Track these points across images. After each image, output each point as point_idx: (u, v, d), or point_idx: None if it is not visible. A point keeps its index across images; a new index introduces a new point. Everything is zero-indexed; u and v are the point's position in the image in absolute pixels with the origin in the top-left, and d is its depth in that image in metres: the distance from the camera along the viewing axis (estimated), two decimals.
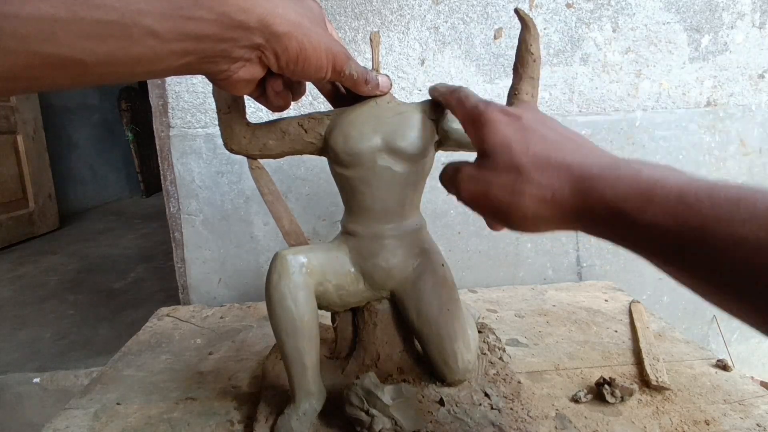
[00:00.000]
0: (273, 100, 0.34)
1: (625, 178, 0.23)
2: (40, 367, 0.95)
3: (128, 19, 0.23)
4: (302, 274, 0.38)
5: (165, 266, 1.62)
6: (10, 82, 0.22)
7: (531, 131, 0.28)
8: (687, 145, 0.82)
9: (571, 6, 0.76)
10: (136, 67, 0.25)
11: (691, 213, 0.21)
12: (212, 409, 0.47)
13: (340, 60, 0.32)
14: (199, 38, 0.25)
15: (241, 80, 0.30)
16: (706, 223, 0.20)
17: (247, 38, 0.27)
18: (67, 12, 0.21)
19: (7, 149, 1.98)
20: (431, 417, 0.39)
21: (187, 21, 0.24)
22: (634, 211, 0.22)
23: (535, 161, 0.26)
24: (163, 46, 0.24)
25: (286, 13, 0.28)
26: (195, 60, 0.26)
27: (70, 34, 0.22)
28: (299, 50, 0.29)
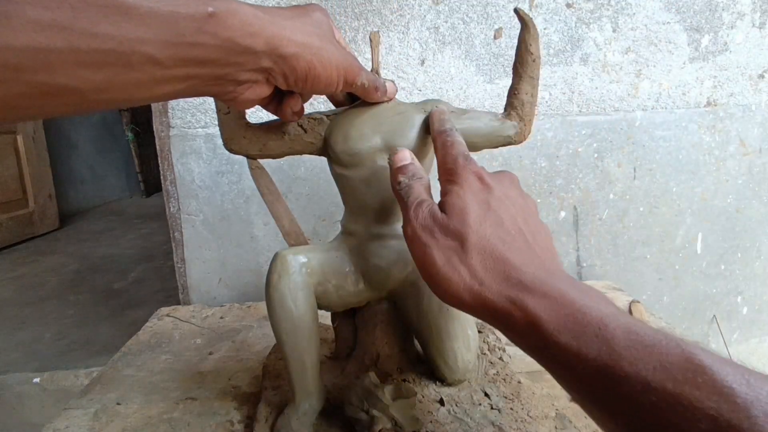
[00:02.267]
0: (288, 117, 0.34)
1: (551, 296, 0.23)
2: (40, 367, 0.95)
3: (126, 47, 0.22)
4: (302, 274, 0.38)
5: (165, 266, 1.62)
6: (5, 111, 0.21)
7: (493, 210, 0.27)
8: (687, 145, 0.82)
9: (571, 6, 0.76)
10: (135, 93, 0.24)
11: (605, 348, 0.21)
12: (212, 409, 0.47)
13: (352, 74, 0.32)
14: (203, 63, 0.25)
15: (247, 100, 0.29)
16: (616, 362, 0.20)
17: (254, 62, 0.27)
18: (63, 42, 0.20)
19: (7, 149, 1.98)
20: (431, 417, 0.39)
21: (190, 47, 0.24)
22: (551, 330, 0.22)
23: (481, 244, 0.26)
24: (164, 72, 0.24)
25: (293, 34, 0.27)
26: (198, 84, 0.26)
27: (66, 63, 0.21)
28: (308, 70, 0.29)
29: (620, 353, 0.20)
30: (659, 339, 0.20)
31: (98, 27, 0.21)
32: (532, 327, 0.23)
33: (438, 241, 0.27)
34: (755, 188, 0.86)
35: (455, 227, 0.27)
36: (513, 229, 0.27)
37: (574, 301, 0.23)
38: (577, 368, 0.21)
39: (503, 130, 0.39)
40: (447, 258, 0.26)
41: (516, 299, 0.24)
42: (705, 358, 0.19)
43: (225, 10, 0.24)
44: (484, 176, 0.29)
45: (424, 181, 0.31)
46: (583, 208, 0.83)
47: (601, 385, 0.21)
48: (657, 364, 0.19)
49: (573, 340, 0.22)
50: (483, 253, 0.26)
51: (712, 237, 0.87)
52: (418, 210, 0.29)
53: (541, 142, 0.79)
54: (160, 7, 0.22)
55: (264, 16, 0.26)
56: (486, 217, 0.27)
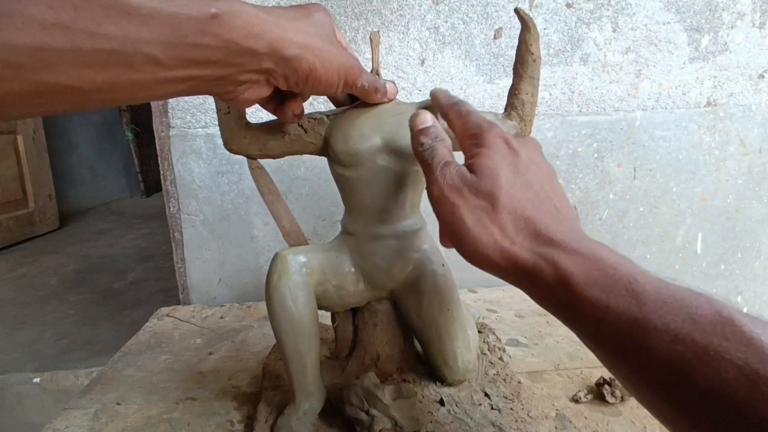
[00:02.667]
0: (289, 118, 0.34)
1: (582, 253, 0.23)
2: (40, 367, 0.95)
3: (129, 47, 0.22)
4: (302, 274, 0.38)
5: (165, 266, 1.62)
6: (6, 110, 0.21)
7: (521, 173, 0.28)
8: (687, 145, 0.82)
9: (571, 6, 0.76)
10: (137, 93, 0.24)
11: (635, 302, 0.21)
12: (212, 409, 0.47)
13: (353, 75, 0.32)
14: (204, 64, 0.25)
15: (247, 100, 0.29)
16: (646, 315, 0.20)
17: (256, 63, 0.27)
18: (65, 41, 0.20)
19: (7, 149, 1.98)
20: (431, 417, 0.39)
21: (193, 48, 0.24)
22: (581, 284, 0.22)
23: (512, 205, 0.26)
24: (166, 73, 0.24)
25: (295, 35, 0.27)
26: (199, 84, 0.26)
27: (68, 63, 0.21)
28: (309, 71, 0.29)
29: (650, 306, 0.21)
30: (689, 294, 0.21)
31: (101, 27, 0.21)
32: (562, 282, 0.23)
33: (468, 201, 0.27)
34: (755, 188, 0.86)
35: (486, 187, 0.27)
36: (541, 192, 0.27)
37: (604, 258, 0.23)
38: (606, 321, 0.21)
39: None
40: (477, 218, 0.26)
41: (547, 256, 0.24)
42: (734, 313, 0.19)
43: (228, 12, 0.24)
44: (510, 140, 0.29)
45: (447, 143, 0.31)
46: (583, 208, 0.83)
47: (629, 338, 0.21)
48: (686, 317, 0.20)
49: (603, 293, 0.22)
50: (514, 213, 0.26)
51: (712, 237, 0.87)
52: (445, 170, 0.28)
53: (541, 142, 0.79)
54: (163, 8, 0.22)
55: (266, 17, 0.26)
56: (515, 179, 0.27)
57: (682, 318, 0.20)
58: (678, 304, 0.20)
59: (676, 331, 0.19)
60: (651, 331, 0.20)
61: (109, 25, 0.21)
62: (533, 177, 0.28)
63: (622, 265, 0.23)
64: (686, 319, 0.20)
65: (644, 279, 0.22)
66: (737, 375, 0.18)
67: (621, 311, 0.21)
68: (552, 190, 0.28)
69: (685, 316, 0.20)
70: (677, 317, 0.20)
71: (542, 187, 0.28)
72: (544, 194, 0.27)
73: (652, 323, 0.20)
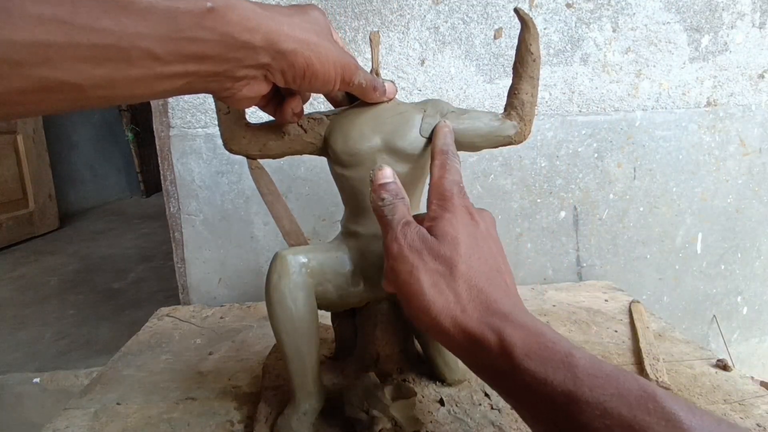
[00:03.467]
0: (289, 117, 0.34)
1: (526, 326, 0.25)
2: (40, 367, 0.95)
3: (126, 42, 0.22)
4: (302, 274, 0.38)
5: (165, 266, 1.62)
6: (5, 107, 0.21)
7: (479, 246, 0.29)
8: (687, 145, 0.82)
9: (571, 6, 0.76)
10: (135, 89, 0.24)
11: (570, 375, 0.22)
12: (212, 409, 0.47)
13: (349, 72, 0.32)
14: (201, 59, 0.25)
15: (245, 98, 0.29)
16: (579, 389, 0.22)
17: (252, 58, 0.27)
18: (63, 36, 0.20)
19: (7, 149, 1.98)
20: (431, 417, 0.39)
21: (189, 43, 0.24)
22: (522, 356, 0.24)
23: (468, 274, 0.27)
24: (164, 68, 0.24)
25: (292, 30, 0.28)
26: (197, 80, 0.26)
27: (66, 58, 0.21)
28: (306, 66, 0.29)
29: (583, 380, 0.22)
30: (618, 371, 0.23)
31: (98, 22, 0.21)
32: (505, 352, 0.24)
33: (426, 264, 0.28)
34: (755, 188, 0.86)
35: (446, 253, 0.28)
36: (494, 267, 0.29)
37: (545, 333, 0.25)
38: (542, 393, 0.23)
39: (503, 130, 0.39)
40: (434, 281, 0.27)
41: (494, 326, 0.25)
42: (656, 390, 0.21)
43: (224, 5, 0.24)
44: (473, 212, 0.31)
45: (407, 202, 0.32)
46: (583, 208, 0.83)
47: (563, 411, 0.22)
48: (615, 391, 0.21)
49: (541, 366, 0.23)
50: (469, 282, 0.27)
51: (712, 237, 0.87)
52: (406, 229, 0.29)
53: (541, 142, 0.79)
54: (159, 3, 0.22)
55: (262, 12, 0.26)
56: (474, 251, 0.28)
57: (610, 392, 0.21)
58: (607, 380, 0.22)
59: (605, 405, 0.21)
60: (583, 406, 0.22)
61: (107, 19, 0.21)
62: (488, 251, 0.29)
63: (560, 340, 0.24)
64: (614, 393, 0.21)
65: (579, 354, 0.23)
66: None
67: (557, 384, 0.22)
68: (503, 266, 0.30)
69: (613, 390, 0.21)
70: (606, 392, 0.21)
71: (495, 261, 0.29)
72: (496, 268, 0.29)
73: (584, 397, 0.22)
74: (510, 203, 0.81)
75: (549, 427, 0.23)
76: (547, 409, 0.23)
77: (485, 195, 0.79)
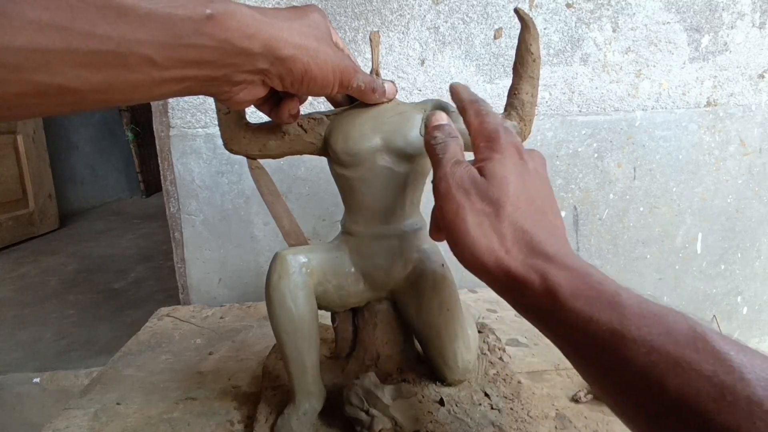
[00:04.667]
0: (285, 119, 0.34)
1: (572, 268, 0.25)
2: (40, 367, 0.95)
3: (125, 48, 0.22)
4: (302, 274, 0.38)
5: (165, 266, 1.62)
6: (4, 111, 0.21)
7: (527, 186, 0.28)
8: (687, 145, 0.82)
9: (571, 6, 0.76)
10: (133, 93, 0.24)
11: (616, 315, 0.22)
12: (212, 409, 0.47)
13: (348, 75, 0.32)
14: (200, 65, 0.25)
15: (242, 101, 0.30)
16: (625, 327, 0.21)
17: (251, 63, 0.27)
18: (61, 42, 0.20)
19: (7, 149, 1.98)
20: (431, 417, 0.39)
21: (188, 49, 0.24)
22: (568, 296, 0.23)
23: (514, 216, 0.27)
24: (162, 73, 0.24)
25: (290, 35, 0.28)
26: (195, 84, 0.26)
27: (65, 64, 0.21)
28: (304, 72, 0.29)
29: (630, 319, 0.22)
30: (667, 311, 0.22)
31: (97, 28, 0.21)
32: (550, 292, 0.24)
33: (473, 204, 0.27)
34: (755, 188, 0.86)
35: (494, 194, 0.27)
36: (541, 208, 0.28)
37: (591, 274, 0.24)
38: (587, 331, 0.22)
39: None
40: (479, 222, 0.27)
41: (538, 267, 0.25)
42: (707, 330, 0.21)
43: (223, 12, 0.24)
44: (522, 151, 0.30)
45: (460, 142, 0.31)
46: (583, 208, 0.83)
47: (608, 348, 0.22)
48: (663, 330, 0.21)
49: (587, 305, 0.23)
50: (515, 224, 0.26)
51: (712, 237, 0.87)
52: (455, 168, 0.29)
53: (541, 142, 0.79)
54: (158, 9, 0.22)
55: (261, 17, 0.26)
56: (522, 192, 0.28)
57: (658, 331, 0.21)
58: (656, 319, 0.21)
59: (652, 343, 0.21)
60: (629, 343, 0.21)
61: (105, 26, 0.21)
62: (537, 191, 0.29)
63: (607, 281, 0.24)
64: (662, 332, 0.21)
65: (627, 294, 0.23)
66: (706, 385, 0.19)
67: (603, 323, 0.22)
68: (550, 206, 0.29)
69: (661, 330, 0.21)
70: (654, 330, 0.21)
71: (543, 202, 0.29)
72: (543, 209, 0.28)
73: (630, 335, 0.21)
74: None
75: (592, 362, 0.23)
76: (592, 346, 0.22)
77: None
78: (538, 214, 0.28)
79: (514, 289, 0.26)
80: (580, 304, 0.23)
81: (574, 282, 0.24)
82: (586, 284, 0.23)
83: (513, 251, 0.26)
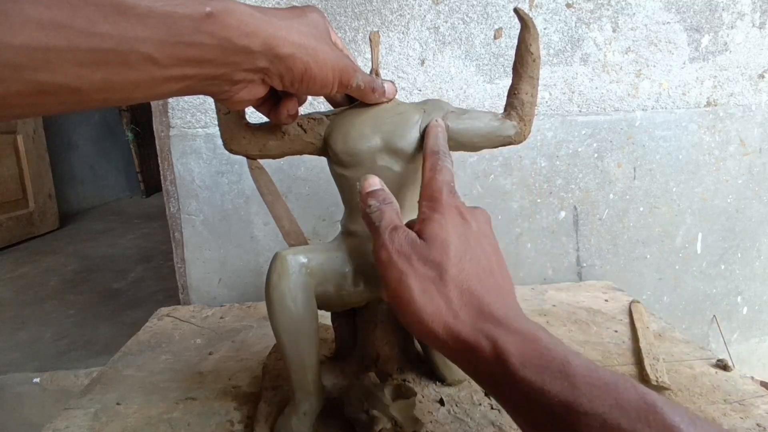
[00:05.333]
0: (284, 119, 0.34)
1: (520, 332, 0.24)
2: (40, 367, 0.95)
3: (125, 46, 0.22)
4: (302, 274, 0.38)
5: (165, 266, 1.62)
6: (5, 110, 0.21)
7: (471, 246, 0.28)
8: (687, 145, 0.82)
9: (571, 6, 0.76)
10: (134, 92, 0.24)
11: (568, 384, 0.22)
12: (212, 409, 0.47)
13: (347, 75, 0.32)
14: (200, 63, 0.25)
15: (242, 100, 0.29)
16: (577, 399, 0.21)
17: (251, 62, 0.27)
18: (61, 40, 0.20)
19: (7, 149, 1.98)
20: (431, 417, 0.39)
21: (187, 47, 0.24)
22: (517, 364, 0.23)
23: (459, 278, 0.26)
24: (162, 71, 0.24)
25: (290, 34, 0.28)
26: (195, 83, 0.26)
27: (65, 62, 0.21)
28: (304, 70, 0.29)
29: (581, 389, 0.21)
30: (617, 379, 0.22)
31: (97, 26, 0.21)
32: (500, 360, 0.23)
33: (416, 269, 0.27)
34: (755, 188, 0.86)
35: (435, 257, 0.27)
36: (487, 268, 0.28)
37: (540, 338, 0.24)
38: (540, 402, 0.22)
39: (503, 130, 0.39)
40: (424, 287, 0.26)
41: (488, 333, 0.24)
42: (657, 399, 0.21)
43: (222, 10, 0.24)
44: (464, 211, 0.30)
45: (395, 206, 0.31)
46: (583, 208, 0.83)
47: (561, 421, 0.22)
48: (614, 402, 0.21)
49: (537, 375, 0.22)
50: (461, 287, 0.26)
51: (712, 237, 0.87)
52: (393, 235, 0.28)
53: (541, 142, 0.79)
54: (158, 7, 0.22)
55: (261, 16, 0.26)
56: (465, 252, 0.27)
57: (609, 403, 0.21)
58: (606, 389, 0.21)
59: (604, 416, 0.21)
60: (582, 417, 0.21)
61: (106, 24, 0.21)
62: (481, 251, 0.28)
63: (556, 345, 0.24)
64: (613, 404, 0.21)
65: (576, 361, 0.23)
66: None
67: (554, 394, 0.22)
68: (497, 265, 0.29)
69: (612, 401, 0.21)
70: (605, 402, 0.21)
71: (489, 261, 0.28)
72: (489, 269, 0.28)
73: (583, 408, 0.21)
74: (510, 203, 0.81)
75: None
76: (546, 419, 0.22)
77: (485, 195, 0.79)
78: (484, 274, 0.27)
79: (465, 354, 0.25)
80: (531, 373, 0.23)
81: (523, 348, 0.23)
82: (536, 351, 0.23)
83: (461, 315, 0.25)
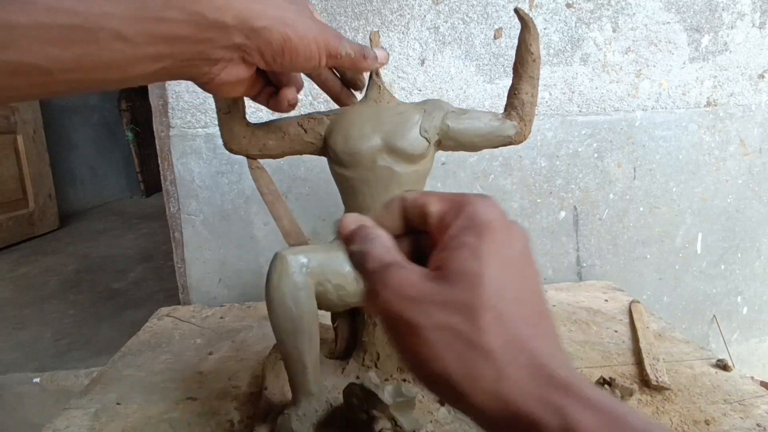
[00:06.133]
0: (284, 107, 0.33)
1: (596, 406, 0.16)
2: (40, 367, 0.95)
3: (92, 23, 0.21)
4: (302, 274, 0.38)
5: (165, 266, 1.62)
6: None
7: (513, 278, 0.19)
8: (687, 145, 0.82)
9: (571, 6, 0.76)
10: (107, 73, 0.23)
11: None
12: (212, 409, 0.47)
13: (333, 44, 0.30)
14: (173, 40, 0.24)
15: (225, 83, 0.28)
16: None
17: (226, 38, 0.26)
18: (26, 18, 0.20)
19: (7, 149, 1.98)
20: (431, 417, 0.39)
21: (158, 23, 0.23)
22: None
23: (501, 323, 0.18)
24: (135, 50, 0.23)
25: (264, 7, 0.26)
26: (172, 64, 0.25)
27: (32, 40, 0.20)
28: (284, 42, 0.27)
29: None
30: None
31: (62, 2, 0.20)
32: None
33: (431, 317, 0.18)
34: (755, 188, 0.86)
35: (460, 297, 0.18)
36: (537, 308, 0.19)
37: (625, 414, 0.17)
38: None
39: (503, 130, 0.39)
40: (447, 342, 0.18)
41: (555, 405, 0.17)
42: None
43: None
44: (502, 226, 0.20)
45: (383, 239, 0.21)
46: (583, 208, 0.83)
47: None
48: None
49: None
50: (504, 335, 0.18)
51: (712, 237, 0.87)
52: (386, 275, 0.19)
53: (541, 142, 0.79)
54: None
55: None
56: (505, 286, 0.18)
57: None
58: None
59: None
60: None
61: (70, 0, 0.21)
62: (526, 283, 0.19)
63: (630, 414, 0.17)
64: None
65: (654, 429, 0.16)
66: None
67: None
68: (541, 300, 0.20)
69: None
70: None
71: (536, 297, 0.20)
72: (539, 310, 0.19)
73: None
74: (510, 203, 0.81)
75: None
76: None
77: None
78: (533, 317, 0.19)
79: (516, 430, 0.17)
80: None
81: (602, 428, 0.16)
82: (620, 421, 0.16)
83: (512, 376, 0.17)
